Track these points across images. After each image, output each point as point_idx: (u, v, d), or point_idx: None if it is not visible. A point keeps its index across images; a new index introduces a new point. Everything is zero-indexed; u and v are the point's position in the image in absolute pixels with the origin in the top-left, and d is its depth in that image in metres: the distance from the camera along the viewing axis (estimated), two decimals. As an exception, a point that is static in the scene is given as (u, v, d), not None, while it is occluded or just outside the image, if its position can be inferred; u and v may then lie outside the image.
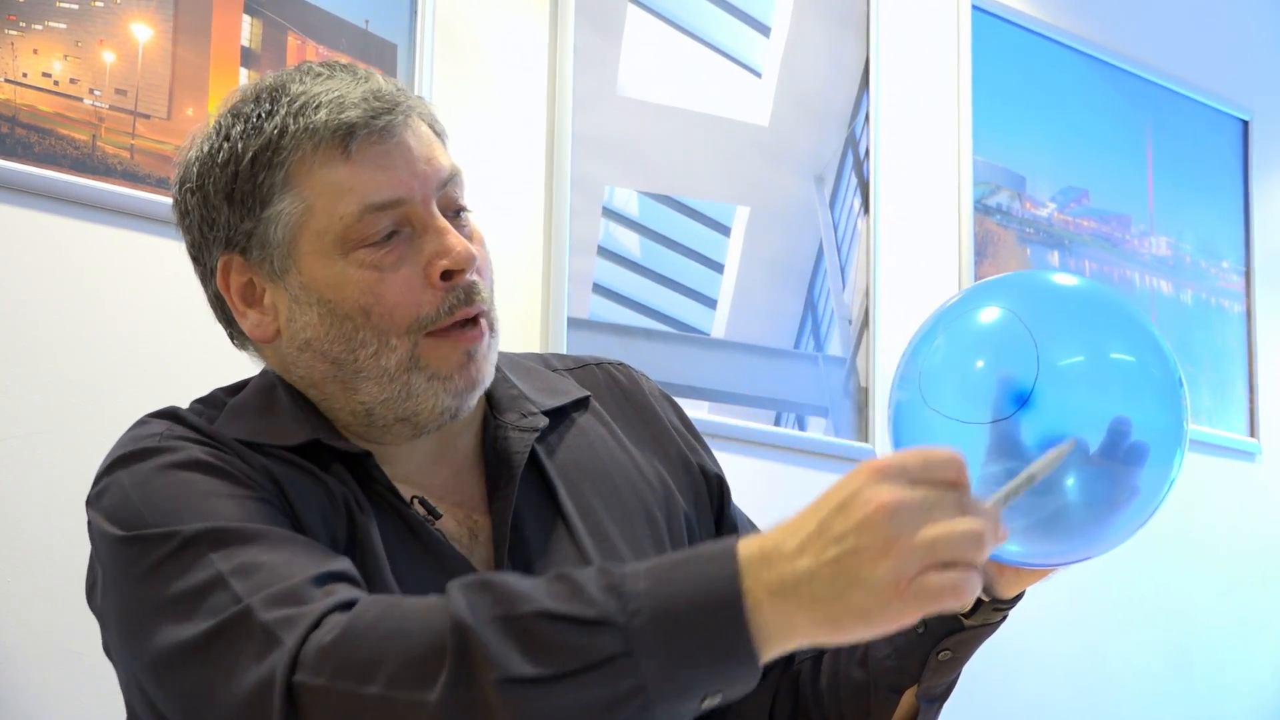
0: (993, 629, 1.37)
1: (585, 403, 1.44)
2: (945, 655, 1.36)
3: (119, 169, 2.09)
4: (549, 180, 2.57)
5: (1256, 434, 3.75)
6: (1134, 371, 1.23)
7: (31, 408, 2.01)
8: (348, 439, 1.30)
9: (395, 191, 1.26)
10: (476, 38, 2.51)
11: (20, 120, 2.02)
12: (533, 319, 2.53)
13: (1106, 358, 1.23)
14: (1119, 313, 1.27)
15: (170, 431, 1.26)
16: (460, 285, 1.27)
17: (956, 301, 1.30)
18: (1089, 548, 1.26)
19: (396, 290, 1.26)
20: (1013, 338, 1.22)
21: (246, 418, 1.30)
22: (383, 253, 1.26)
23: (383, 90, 1.29)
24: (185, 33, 2.17)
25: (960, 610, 1.32)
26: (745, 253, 2.84)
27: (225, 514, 1.17)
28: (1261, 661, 3.71)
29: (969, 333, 1.26)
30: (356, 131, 1.26)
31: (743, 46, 2.88)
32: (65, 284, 2.06)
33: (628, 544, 1.36)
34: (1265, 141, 3.86)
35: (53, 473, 2.01)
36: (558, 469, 1.37)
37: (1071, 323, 1.25)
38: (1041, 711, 3.23)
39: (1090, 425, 1.19)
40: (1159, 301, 3.58)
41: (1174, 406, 1.23)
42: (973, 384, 1.22)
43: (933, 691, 1.39)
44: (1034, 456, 1.15)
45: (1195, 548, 3.58)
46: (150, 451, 1.24)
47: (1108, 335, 1.24)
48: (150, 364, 2.10)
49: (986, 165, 3.25)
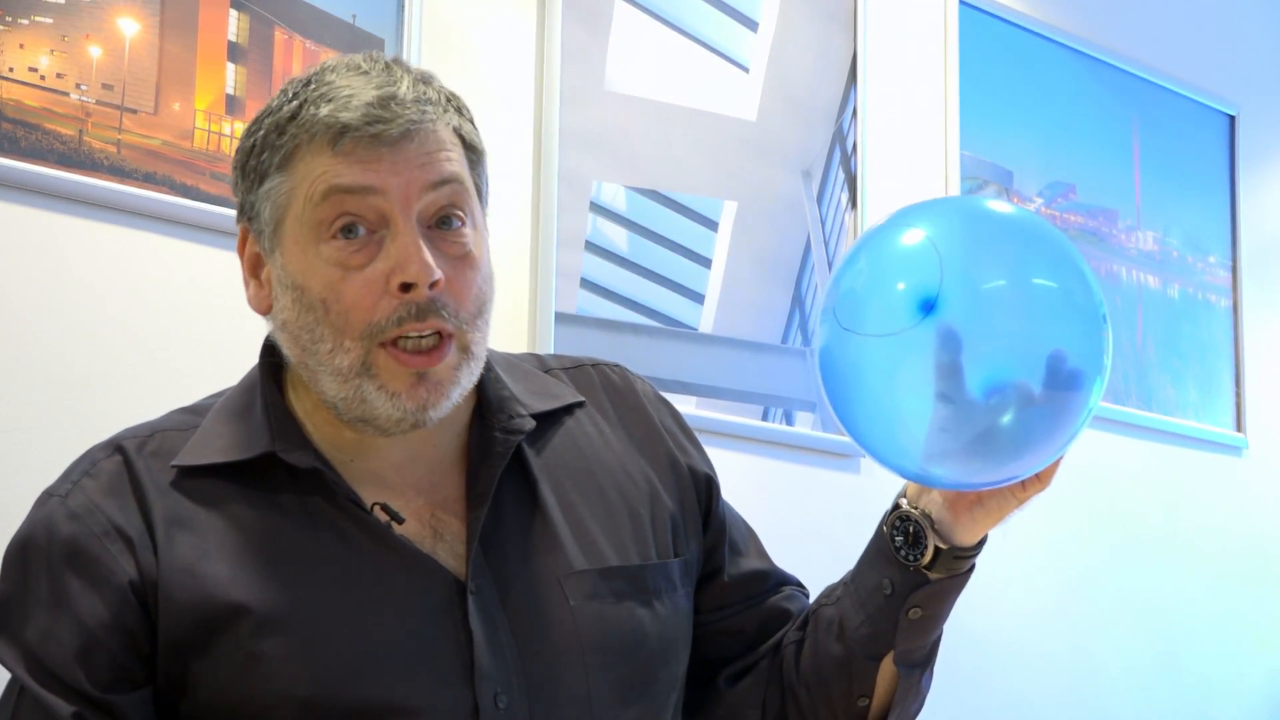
0: (961, 581, 1.38)
1: (577, 405, 1.44)
2: (916, 614, 1.37)
3: (106, 164, 2.09)
4: (536, 175, 2.57)
5: (1243, 429, 3.75)
6: (1050, 294, 1.26)
7: (20, 403, 2.01)
8: (313, 443, 1.32)
9: (367, 180, 1.26)
10: (464, 32, 2.51)
11: (6, 115, 2.02)
12: (520, 314, 2.53)
13: (1021, 278, 1.26)
14: (1039, 236, 1.30)
15: (59, 505, 1.31)
16: (416, 300, 1.26)
17: (875, 226, 1.33)
18: (1017, 468, 1.28)
19: (355, 291, 1.27)
20: (919, 252, 1.25)
21: (223, 422, 1.35)
22: (351, 251, 1.27)
23: (399, 98, 1.28)
24: (172, 27, 2.17)
25: (923, 563, 1.35)
26: (733, 247, 2.84)
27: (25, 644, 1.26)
28: (1248, 656, 3.72)
29: (882, 253, 1.29)
30: (347, 132, 1.27)
31: (730, 41, 2.89)
32: (53, 278, 2.06)
33: (609, 540, 1.38)
34: (1252, 136, 3.87)
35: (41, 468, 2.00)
36: (541, 466, 1.38)
37: (984, 239, 1.28)
38: (1030, 708, 3.23)
39: (1002, 340, 1.24)
40: (1146, 296, 3.59)
41: (1094, 335, 1.26)
42: (882, 299, 1.26)
43: (911, 657, 1.40)
44: (954, 357, 1.21)
45: (1182, 543, 3.59)
46: (35, 520, 1.32)
47: (1027, 255, 1.27)
48: (139, 357, 2.10)
49: (974, 160, 3.26)
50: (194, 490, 1.30)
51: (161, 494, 1.30)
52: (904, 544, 1.36)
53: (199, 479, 1.31)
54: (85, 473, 1.32)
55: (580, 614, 1.33)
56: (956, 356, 1.22)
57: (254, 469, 1.31)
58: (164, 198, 2.13)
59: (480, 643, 1.28)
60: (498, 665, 1.28)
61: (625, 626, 1.35)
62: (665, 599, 1.39)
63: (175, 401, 1.45)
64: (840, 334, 1.27)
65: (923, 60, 3.22)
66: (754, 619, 1.48)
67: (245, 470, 1.31)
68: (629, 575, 1.37)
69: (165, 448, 1.33)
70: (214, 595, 1.26)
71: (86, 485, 1.31)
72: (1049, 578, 3.27)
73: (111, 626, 1.26)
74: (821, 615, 1.44)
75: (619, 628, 1.34)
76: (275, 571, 1.27)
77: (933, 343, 1.23)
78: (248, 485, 1.31)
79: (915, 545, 1.36)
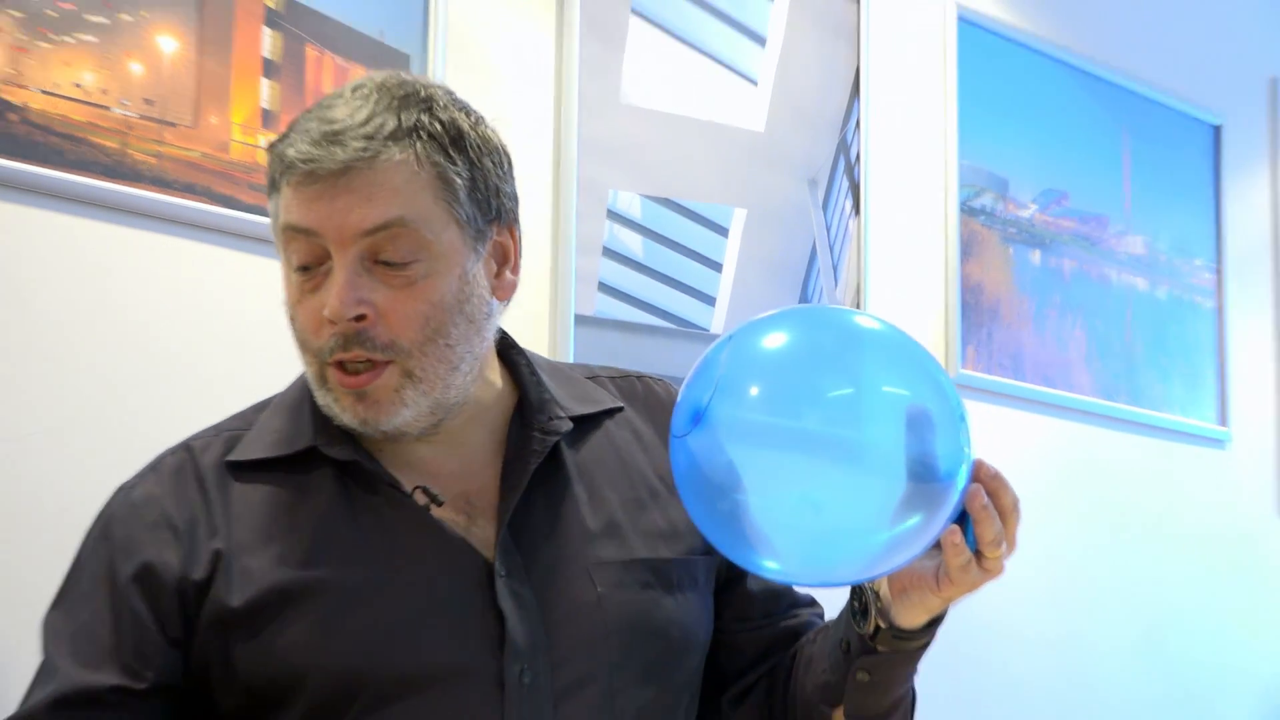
0: (908, 657, 1.33)
1: (615, 411, 1.44)
2: (864, 677, 1.33)
3: (148, 175, 2.08)
4: (556, 184, 2.57)
5: (1227, 423, 3.75)
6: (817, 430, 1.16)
7: (63, 405, 2.01)
8: (354, 436, 1.33)
9: (307, 221, 1.26)
10: (486, 48, 2.50)
11: (53, 129, 2.01)
12: (541, 316, 2.52)
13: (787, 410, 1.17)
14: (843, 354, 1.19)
15: (123, 496, 1.35)
16: (341, 332, 1.27)
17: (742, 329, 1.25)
18: (849, 574, 1.22)
19: (305, 317, 1.30)
20: (712, 361, 1.21)
21: (277, 416, 1.38)
22: (304, 279, 1.29)
23: (346, 133, 1.25)
24: (209, 44, 2.16)
25: (866, 634, 1.30)
26: (743, 252, 2.83)
27: (70, 625, 1.29)
28: (1230, 638, 3.71)
29: (699, 363, 1.24)
30: (293, 168, 1.26)
31: (739, 56, 2.87)
32: (97, 284, 2.05)
33: (638, 534, 1.37)
34: (1236, 145, 3.86)
35: (82, 471, 2.00)
36: (576, 463, 1.38)
37: (771, 363, 1.19)
38: (1024, 687, 3.23)
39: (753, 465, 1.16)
40: (1135, 298, 3.58)
41: (858, 483, 1.15)
42: (682, 402, 1.22)
43: (863, 712, 1.35)
44: (715, 471, 1.16)
45: (1169, 531, 3.58)
46: (102, 514, 1.36)
47: (811, 385, 1.17)
48: (179, 360, 2.10)
49: (971, 168, 3.25)
50: (247, 482, 1.33)
51: (219, 488, 1.32)
52: (857, 610, 1.33)
53: (252, 472, 1.33)
54: (153, 468, 1.36)
55: (607, 600, 1.32)
56: (717, 468, 1.18)
57: (300, 461, 1.33)
58: (203, 207, 2.12)
59: (511, 621, 1.28)
60: (525, 642, 1.28)
61: (650, 613, 1.34)
62: (689, 593, 1.38)
63: (211, 400, 1.46)
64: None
65: (923, 73, 3.20)
66: (764, 639, 1.45)
67: (292, 463, 1.33)
68: (655, 568, 1.36)
69: (227, 444, 1.36)
70: (259, 578, 1.28)
71: (148, 478, 1.34)
72: (1044, 564, 3.26)
73: (150, 612, 1.28)
74: (803, 651, 1.42)
75: (644, 613, 1.33)
76: (316, 554, 1.29)
77: (704, 449, 1.18)
78: (295, 476, 1.33)
79: (864, 615, 1.32)
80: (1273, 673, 3.78)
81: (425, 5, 2.40)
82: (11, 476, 1.96)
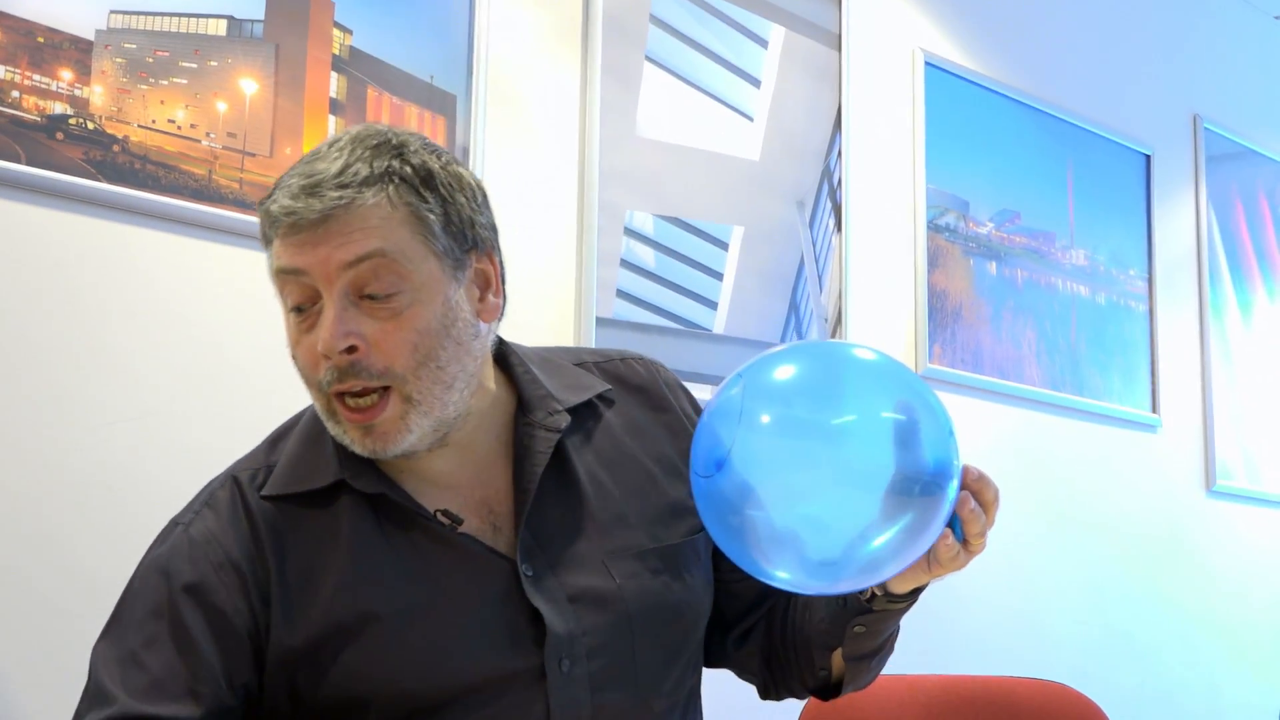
0: (897, 614, 1.31)
1: (606, 396, 1.37)
2: (859, 629, 1.31)
3: (231, 197, 2.08)
4: (580, 205, 2.56)
5: (1158, 410, 3.73)
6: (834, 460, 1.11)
7: (157, 394, 2.00)
8: (375, 463, 1.24)
9: (295, 262, 1.18)
10: (521, 89, 2.50)
11: (150, 159, 2.01)
12: (567, 319, 2.51)
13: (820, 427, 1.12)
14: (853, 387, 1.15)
15: (183, 534, 1.24)
16: (335, 365, 1.18)
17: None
18: (853, 583, 1.16)
19: (303, 355, 1.21)
20: (728, 403, 1.15)
21: (301, 446, 1.28)
22: (300, 318, 1.21)
23: (323, 183, 1.18)
24: (284, 86, 2.16)
25: (863, 597, 1.28)
26: (740, 264, 2.82)
27: (121, 651, 1.18)
28: (1159, 586, 3.69)
29: (716, 400, 1.18)
30: (278, 221, 1.19)
31: (738, 96, 2.86)
32: (187, 292, 2.05)
33: (643, 524, 1.32)
34: (1164, 172, 3.86)
35: (171, 455, 2.00)
36: (580, 459, 1.31)
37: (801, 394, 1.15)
38: (985, 642, 3.21)
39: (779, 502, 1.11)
40: (1078, 303, 3.56)
41: (851, 510, 1.11)
42: (699, 443, 1.17)
43: (858, 653, 1.34)
44: (734, 508, 1.11)
45: (1107, 503, 3.57)
46: (159, 548, 1.24)
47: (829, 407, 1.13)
48: (252, 361, 2.09)
49: (937, 192, 3.23)
50: (289, 516, 1.24)
51: (267, 523, 1.23)
52: None
53: (289, 505, 1.24)
54: (205, 503, 1.25)
55: (626, 590, 1.26)
56: (733, 492, 1.14)
57: (332, 493, 1.24)
58: (278, 225, 2.12)
59: (548, 615, 1.22)
60: (561, 634, 1.22)
61: (664, 597, 1.29)
62: (694, 571, 1.33)
63: (282, 402, 1.41)
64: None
65: (895, 111, 3.19)
66: (760, 585, 1.40)
67: (325, 495, 1.24)
68: (663, 554, 1.30)
69: (264, 478, 1.27)
70: (316, 617, 1.20)
71: (206, 516, 1.24)
72: (1000, 534, 3.24)
73: (216, 650, 1.19)
74: (799, 594, 1.39)
75: (660, 600, 1.28)
76: (362, 587, 1.21)
77: (726, 488, 1.14)
78: (330, 508, 1.24)
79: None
80: (1194, 601, 3.77)
81: (469, 53, 2.39)
82: (126, 449, 1.96)
